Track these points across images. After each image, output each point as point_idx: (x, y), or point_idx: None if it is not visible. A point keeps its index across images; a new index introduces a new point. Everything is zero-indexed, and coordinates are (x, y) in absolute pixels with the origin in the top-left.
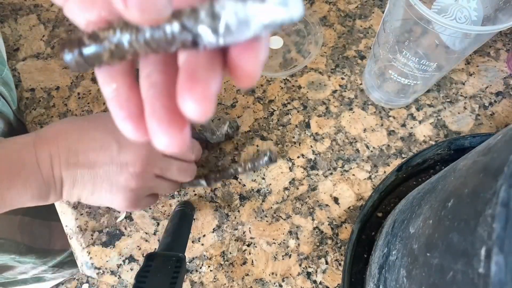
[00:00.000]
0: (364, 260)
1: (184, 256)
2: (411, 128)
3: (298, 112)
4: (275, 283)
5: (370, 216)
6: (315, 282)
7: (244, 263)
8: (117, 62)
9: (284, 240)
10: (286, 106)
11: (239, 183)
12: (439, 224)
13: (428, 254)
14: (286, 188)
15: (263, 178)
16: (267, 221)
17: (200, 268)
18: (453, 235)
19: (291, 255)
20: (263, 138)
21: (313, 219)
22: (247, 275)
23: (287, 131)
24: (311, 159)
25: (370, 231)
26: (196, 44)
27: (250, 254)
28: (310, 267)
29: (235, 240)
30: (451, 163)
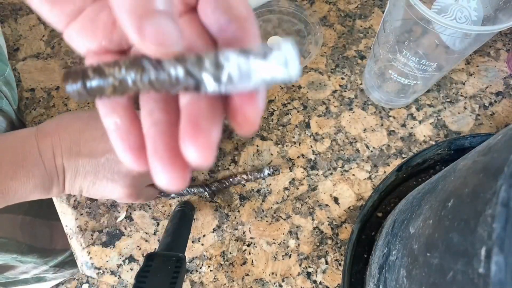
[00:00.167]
0: (364, 260)
1: (184, 256)
2: (411, 128)
3: (298, 112)
4: (275, 283)
5: (370, 216)
6: (315, 282)
7: (244, 263)
8: (118, 96)
9: (284, 240)
10: (286, 106)
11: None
12: (439, 224)
13: (428, 254)
14: (286, 188)
15: (263, 178)
16: (267, 221)
17: (200, 268)
18: (453, 235)
19: (291, 255)
20: (263, 138)
21: (313, 219)
22: (247, 275)
23: (287, 131)
24: (311, 159)
25: (370, 231)
26: (198, 89)
27: (250, 254)
28: (310, 267)
29: (235, 240)
30: (451, 163)
